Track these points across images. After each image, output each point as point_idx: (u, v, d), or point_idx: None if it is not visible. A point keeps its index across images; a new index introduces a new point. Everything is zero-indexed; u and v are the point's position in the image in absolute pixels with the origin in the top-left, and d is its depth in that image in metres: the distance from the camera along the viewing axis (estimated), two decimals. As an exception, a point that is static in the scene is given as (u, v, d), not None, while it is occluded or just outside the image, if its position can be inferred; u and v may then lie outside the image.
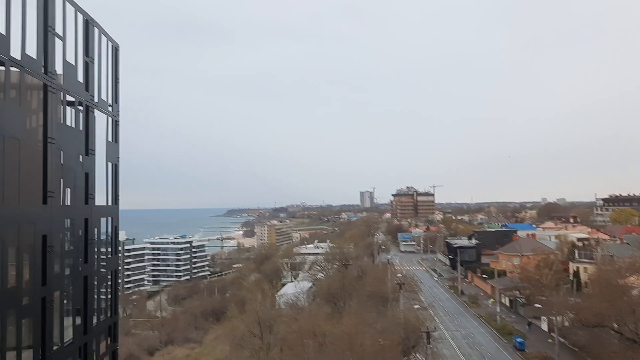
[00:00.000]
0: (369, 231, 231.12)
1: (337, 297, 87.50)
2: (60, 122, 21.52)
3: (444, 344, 74.41)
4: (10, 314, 17.36)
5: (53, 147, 20.20)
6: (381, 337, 56.08)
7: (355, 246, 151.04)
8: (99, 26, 25.18)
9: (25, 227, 18.35)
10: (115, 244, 28.25)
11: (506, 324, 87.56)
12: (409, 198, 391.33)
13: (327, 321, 67.01)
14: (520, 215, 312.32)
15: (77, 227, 23.16)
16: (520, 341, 74.29)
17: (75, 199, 22.91)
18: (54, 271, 20.24)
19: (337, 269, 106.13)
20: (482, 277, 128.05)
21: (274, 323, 72.38)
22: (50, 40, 20.17)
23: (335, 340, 54.86)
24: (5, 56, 17.06)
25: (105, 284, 26.93)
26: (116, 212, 27.75)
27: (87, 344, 23.41)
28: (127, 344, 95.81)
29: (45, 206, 19.72)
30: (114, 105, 27.64)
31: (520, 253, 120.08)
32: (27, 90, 19.40)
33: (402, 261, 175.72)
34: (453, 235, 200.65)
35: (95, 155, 24.92)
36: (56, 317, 20.45)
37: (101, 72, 25.73)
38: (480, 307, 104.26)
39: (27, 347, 18.43)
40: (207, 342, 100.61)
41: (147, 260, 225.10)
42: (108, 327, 26.70)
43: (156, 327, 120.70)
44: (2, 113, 16.80)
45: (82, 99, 23.51)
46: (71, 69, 22.27)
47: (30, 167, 19.16)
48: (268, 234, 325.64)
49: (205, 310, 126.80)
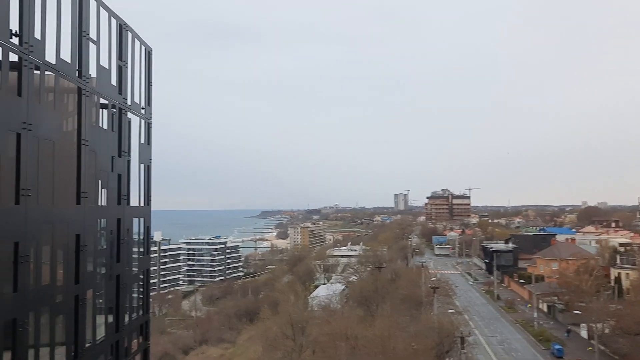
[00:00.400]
0: (402, 234, 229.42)
1: (370, 300, 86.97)
2: (94, 124, 22.01)
3: (479, 349, 73.12)
4: (44, 311, 17.81)
5: (87, 149, 20.67)
6: (414, 342, 55.48)
7: (388, 249, 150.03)
8: (133, 30, 25.68)
9: (59, 226, 18.81)
10: (147, 244, 28.73)
11: (544, 330, 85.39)
12: (443, 201, 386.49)
13: (360, 324, 66.71)
14: (559, 219, 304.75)
15: (110, 227, 23.65)
16: (559, 348, 72.32)
17: (108, 200, 23.41)
18: (87, 270, 20.70)
19: (370, 272, 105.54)
20: (519, 282, 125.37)
21: (307, 325, 72.42)
22: (85, 44, 20.67)
23: (368, 344, 54.57)
24: (41, 61, 17.55)
25: (137, 283, 27.42)
26: (148, 212, 28.22)
27: (119, 342, 23.86)
28: (163, 342, 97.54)
29: (79, 206, 20.18)
30: (147, 108, 28.14)
31: (559, 258, 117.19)
32: (61, 94, 19.93)
33: (437, 265, 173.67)
34: (489, 239, 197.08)
35: (128, 157, 25.41)
36: (89, 315, 20.90)
37: (134, 75, 26.23)
38: (517, 313, 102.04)
39: (61, 343, 18.87)
40: (240, 343, 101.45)
41: (182, 260, 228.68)
42: (140, 326, 27.17)
43: (191, 327, 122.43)
44: (37, 116, 17.27)
45: (115, 101, 24.01)
46: (105, 72, 22.76)
47: (64, 169, 19.65)
48: (301, 235, 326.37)
49: (239, 310, 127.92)
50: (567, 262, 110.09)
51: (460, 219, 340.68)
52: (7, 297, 15.61)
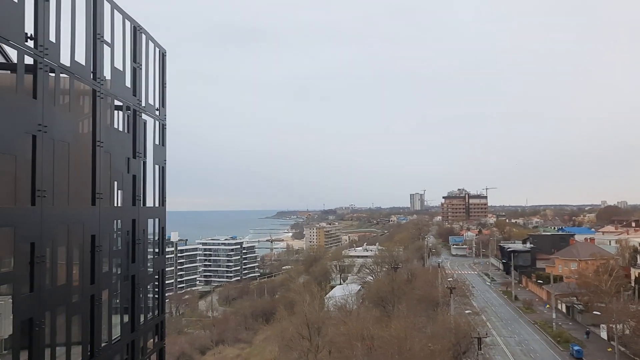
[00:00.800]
0: (419, 234, 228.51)
1: (386, 301, 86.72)
2: (109, 126, 22.18)
3: (496, 350, 72.51)
4: (60, 311, 17.99)
5: (102, 150, 20.84)
6: (431, 342, 55.16)
7: (405, 249, 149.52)
8: (147, 32, 25.86)
9: (74, 227, 18.99)
10: (162, 244, 28.90)
11: (563, 331, 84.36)
12: (460, 200, 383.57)
13: (376, 324, 66.51)
14: (578, 218, 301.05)
15: (125, 227, 23.83)
16: (578, 349, 71.39)
17: (124, 201, 23.59)
18: (102, 270, 20.86)
19: (387, 272, 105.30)
20: (537, 282, 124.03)
21: (323, 325, 72.41)
22: (99, 47, 20.85)
23: (384, 344, 54.39)
24: (56, 63, 17.73)
25: (152, 284, 27.59)
26: (163, 213, 28.39)
27: (135, 342, 24.03)
28: (180, 342, 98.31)
29: (94, 207, 20.36)
30: (161, 109, 28.31)
31: (578, 258, 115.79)
32: (76, 96, 20.12)
33: (453, 265, 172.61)
34: (506, 239, 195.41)
35: (143, 158, 25.58)
36: (104, 315, 21.08)
37: (148, 77, 26.39)
38: (535, 313, 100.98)
39: (77, 343, 19.04)
40: (256, 343, 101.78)
41: (199, 260, 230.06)
42: (155, 326, 27.33)
43: (207, 327, 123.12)
44: (52, 118, 17.44)
45: (130, 103, 24.19)
46: (119, 74, 22.94)
47: (79, 170, 19.81)
48: (317, 236, 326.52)
49: (255, 311, 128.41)
50: (586, 262, 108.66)
51: (477, 218, 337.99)
52: (24, 297, 15.79)
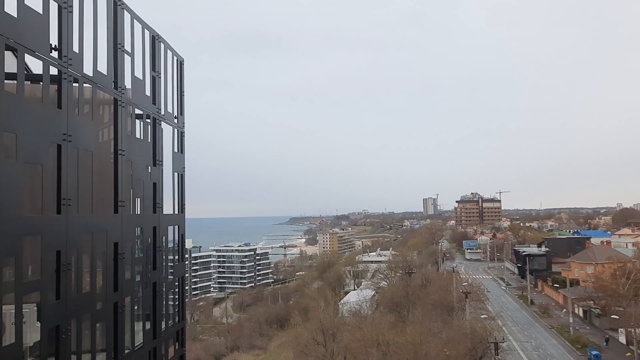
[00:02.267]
0: (432, 239, 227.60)
1: (401, 306, 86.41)
2: (130, 134, 22.45)
3: (513, 355, 71.94)
4: (86, 318, 18.19)
5: (123, 158, 21.10)
6: (446, 347, 54.94)
7: (418, 254, 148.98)
8: (165, 41, 26.17)
9: (98, 235, 19.22)
10: (181, 251, 29.11)
11: (580, 335, 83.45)
12: (473, 204, 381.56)
13: (391, 330, 66.28)
14: (593, 221, 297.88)
15: (146, 235, 24.05)
16: (596, 354, 70.55)
17: (144, 208, 23.82)
18: (125, 277, 21.07)
19: (401, 277, 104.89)
20: (553, 286, 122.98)
21: (337, 331, 72.26)
22: (120, 56, 21.15)
23: (400, 350, 54.22)
24: (79, 73, 18.02)
25: (173, 290, 27.79)
26: (182, 220, 28.61)
27: (157, 348, 24.19)
28: (195, 349, 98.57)
29: (117, 215, 20.59)
30: (179, 117, 28.59)
31: (594, 261, 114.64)
32: (98, 105, 20.37)
33: (468, 269, 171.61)
34: (521, 242, 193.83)
35: (162, 166, 25.84)
36: (127, 322, 21.28)
37: (167, 85, 26.68)
38: (551, 318, 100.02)
39: (101, 350, 19.24)
40: (271, 349, 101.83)
41: (212, 267, 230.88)
42: (176, 332, 27.50)
43: (222, 333, 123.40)
44: (76, 127, 17.70)
45: (150, 111, 24.46)
46: (139, 83, 23.23)
47: (102, 178, 20.06)
48: (330, 241, 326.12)
49: (270, 317, 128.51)
50: (602, 265, 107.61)
51: (491, 222, 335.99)
52: (51, 304, 16.00)
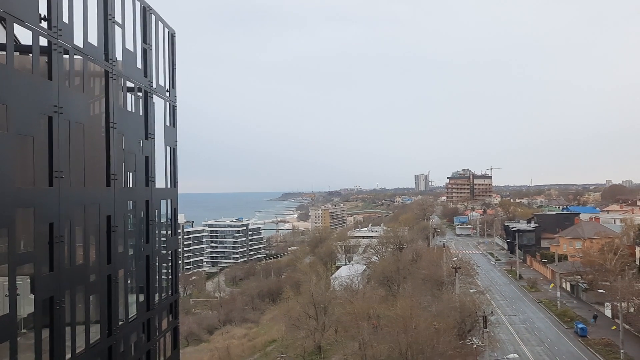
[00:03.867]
0: (423, 214, 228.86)
1: (392, 280, 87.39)
2: (121, 107, 22.27)
3: (501, 328, 73.19)
4: (79, 290, 18.31)
5: (115, 131, 20.95)
6: (436, 321, 55.79)
7: (409, 229, 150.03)
8: (156, 13, 25.79)
9: (90, 208, 19.20)
10: (174, 225, 29.17)
11: (567, 309, 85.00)
12: (465, 181, 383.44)
13: (382, 304, 67.23)
14: (582, 198, 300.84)
15: (139, 208, 24.05)
16: (582, 327, 72.01)
17: (137, 182, 23.77)
18: (118, 250, 21.14)
19: (392, 252, 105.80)
20: (541, 261, 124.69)
21: (329, 305, 73.16)
22: (110, 28, 20.83)
23: (390, 323, 55.03)
24: (69, 44, 17.78)
25: (166, 264, 27.93)
26: (175, 194, 28.61)
27: (150, 320, 24.43)
28: (188, 322, 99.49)
29: (109, 188, 20.56)
30: (171, 91, 28.35)
31: (582, 237, 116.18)
32: (89, 77, 20.15)
33: (458, 245, 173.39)
34: (511, 218, 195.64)
35: (154, 140, 25.72)
36: (121, 295, 21.40)
37: (158, 58, 26.38)
38: (539, 292, 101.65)
39: (95, 321, 19.41)
40: (263, 322, 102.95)
41: (205, 242, 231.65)
42: (169, 305, 27.73)
43: (215, 307, 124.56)
44: (67, 99, 17.54)
45: (141, 84, 24.23)
46: (130, 55, 22.95)
47: (94, 151, 19.95)
48: (322, 217, 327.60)
49: (262, 291, 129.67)
50: (591, 241, 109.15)
51: (481, 199, 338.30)
52: (44, 276, 16.07)
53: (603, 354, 63.39)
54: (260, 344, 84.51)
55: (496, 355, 61.15)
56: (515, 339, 70.92)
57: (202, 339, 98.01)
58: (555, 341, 70.00)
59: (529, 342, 69.60)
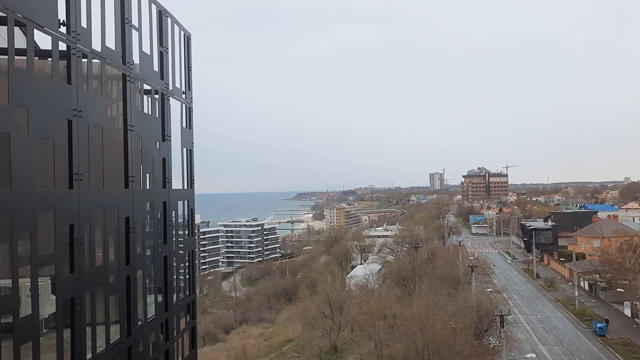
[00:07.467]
0: (439, 213, 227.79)
1: (407, 280, 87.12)
2: (139, 110, 22.53)
3: (518, 327, 72.60)
4: (99, 291, 18.57)
5: (133, 134, 21.22)
6: (452, 320, 55.47)
7: (425, 228, 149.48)
8: (172, 16, 26.04)
9: (109, 210, 19.47)
10: (191, 226, 29.43)
11: (585, 308, 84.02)
12: (480, 179, 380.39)
13: (398, 303, 67.08)
14: (600, 195, 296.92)
15: (156, 209, 24.33)
16: (601, 326, 71.10)
17: (154, 183, 24.04)
18: (137, 251, 21.40)
19: (407, 252, 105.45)
20: (559, 260, 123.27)
21: (344, 304, 73.13)
22: (128, 31, 21.11)
23: (406, 322, 54.90)
24: (87, 49, 18.04)
25: (183, 264, 28.19)
26: (192, 195, 28.87)
27: (168, 320, 24.69)
28: (205, 322, 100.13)
29: (127, 190, 20.83)
30: (187, 93, 28.60)
31: (600, 235, 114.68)
32: (107, 81, 20.43)
33: (474, 244, 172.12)
34: (528, 217, 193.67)
35: (171, 141, 25.97)
36: (140, 295, 21.69)
37: (175, 60, 26.63)
38: (557, 291, 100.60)
39: (115, 322, 19.67)
40: (279, 322, 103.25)
41: (221, 242, 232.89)
42: (187, 305, 28.00)
43: (231, 307, 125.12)
44: (86, 103, 17.80)
45: (158, 87, 24.49)
46: (147, 58, 23.21)
47: (112, 154, 20.24)
48: (337, 216, 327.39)
49: (277, 291, 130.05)
50: (609, 239, 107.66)
51: (497, 197, 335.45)
52: (65, 277, 16.33)
53: (622, 354, 62.53)
54: (276, 343, 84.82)
55: (514, 355, 60.62)
56: (533, 339, 70.25)
57: (218, 338, 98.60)
58: (574, 341, 69.22)
59: (547, 342, 68.90)
